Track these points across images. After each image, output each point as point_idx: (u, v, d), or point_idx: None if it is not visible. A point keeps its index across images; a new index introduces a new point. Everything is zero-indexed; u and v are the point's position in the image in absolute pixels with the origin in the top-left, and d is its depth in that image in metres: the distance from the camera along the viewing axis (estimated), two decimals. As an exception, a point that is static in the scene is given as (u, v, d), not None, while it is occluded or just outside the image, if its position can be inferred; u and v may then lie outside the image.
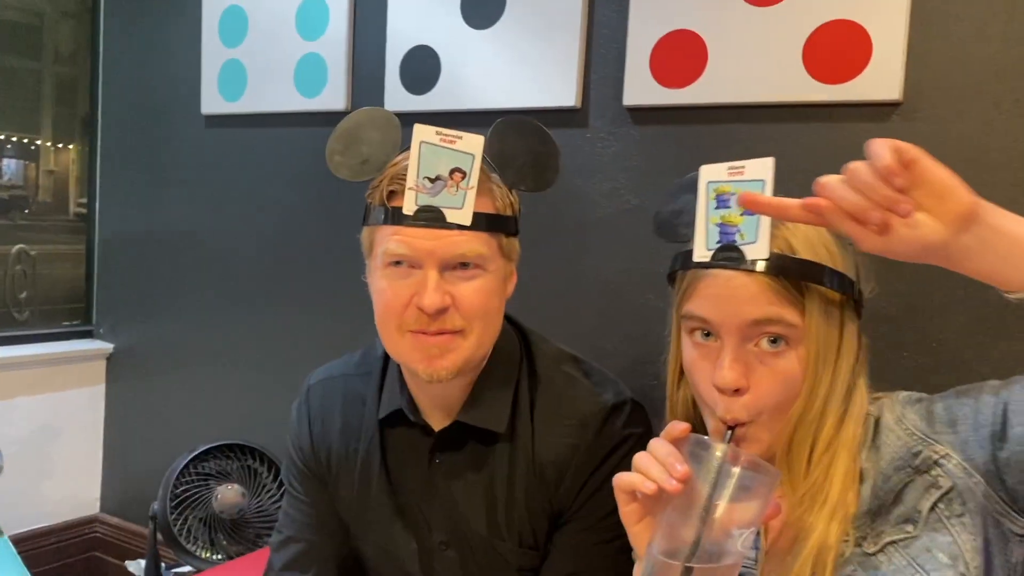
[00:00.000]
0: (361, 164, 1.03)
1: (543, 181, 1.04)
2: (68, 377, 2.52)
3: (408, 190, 0.96)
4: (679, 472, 0.73)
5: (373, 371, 1.15)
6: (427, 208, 0.96)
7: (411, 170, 0.96)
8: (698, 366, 0.87)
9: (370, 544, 1.15)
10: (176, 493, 1.73)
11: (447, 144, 0.96)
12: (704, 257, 0.86)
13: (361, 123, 1.04)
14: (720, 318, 0.83)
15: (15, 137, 2.60)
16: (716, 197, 0.86)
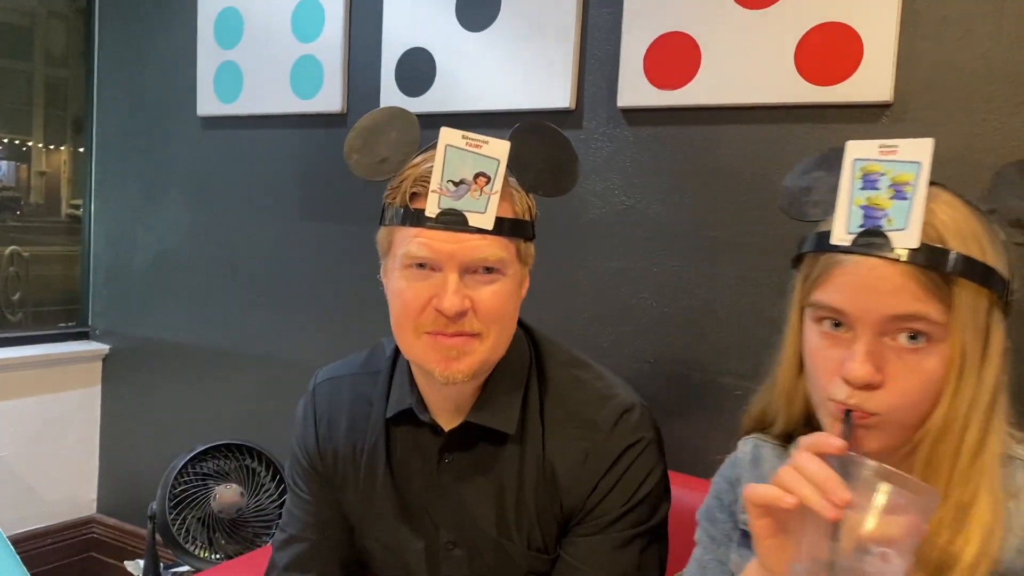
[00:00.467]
0: (379, 163, 1.03)
1: (561, 186, 1.04)
2: (64, 378, 2.53)
3: (431, 192, 0.96)
4: (841, 499, 0.66)
5: (381, 371, 1.15)
6: (450, 211, 0.96)
7: (435, 173, 0.96)
8: (823, 355, 0.79)
9: (375, 543, 1.16)
10: (175, 493, 1.74)
11: (473, 148, 0.96)
12: (844, 241, 0.77)
13: (379, 122, 1.04)
14: (857, 311, 0.75)
15: (6, 138, 2.60)
16: (863, 176, 0.77)
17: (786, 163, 1.53)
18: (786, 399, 0.89)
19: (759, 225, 1.57)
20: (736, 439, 1.45)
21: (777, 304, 1.53)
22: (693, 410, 1.63)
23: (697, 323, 1.64)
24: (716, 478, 0.99)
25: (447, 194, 0.96)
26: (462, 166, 0.96)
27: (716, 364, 1.61)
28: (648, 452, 1.05)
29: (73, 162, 2.72)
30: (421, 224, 0.97)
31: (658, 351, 1.68)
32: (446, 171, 0.96)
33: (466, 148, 0.96)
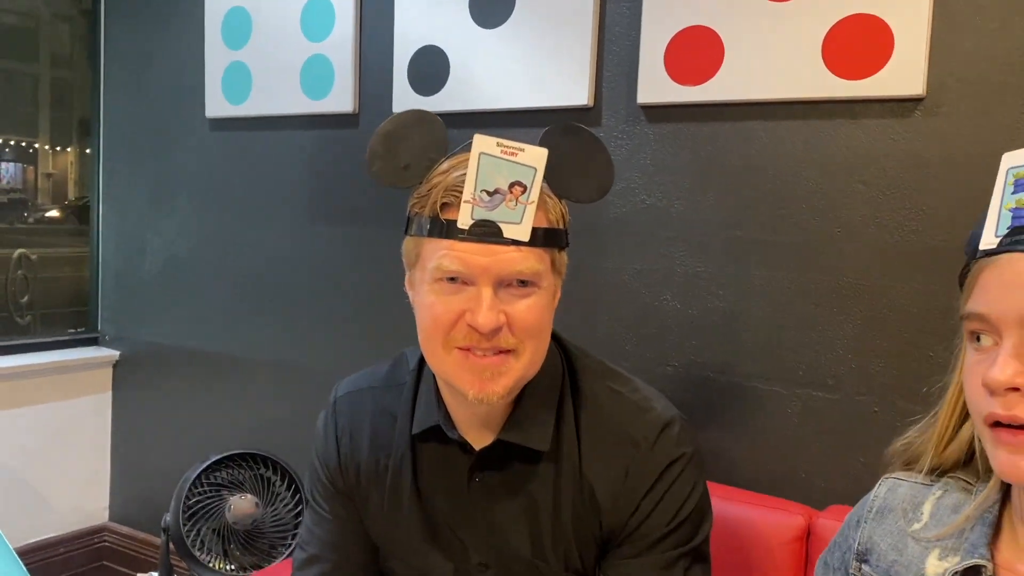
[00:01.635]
0: (402, 170, 0.97)
1: (596, 191, 0.98)
2: (74, 385, 2.50)
3: (464, 203, 0.91)
4: None
5: (405, 384, 1.11)
6: (483, 222, 0.91)
7: (468, 182, 0.91)
8: (972, 372, 0.75)
9: (401, 564, 1.11)
10: (188, 504, 1.71)
11: (508, 156, 0.91)
12: (991, 244, 0.74)
13: (402, 126, 0.98)
14: (998, 310, 0.72)
15: (13, 140, 2.57)
16: (1015, 182, 0.76)
17: (814, 160, 1.49)
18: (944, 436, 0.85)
19: (785, 224, 1.52)
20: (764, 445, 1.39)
21: (804, 307, 1.49)
22: (718, 415, 1.59)
23: (722, 325, 1.59)
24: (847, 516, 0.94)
25: (480, 204, 0.91)
26: (496, 175, 0.91)
27: (742, 367, 1.57)
28: (690, 468, 1.01)
29: (79, 163, 2.69)
30: (453, 236, 0.91)
31: (681, 354, 1.64)
32: (480, 180, 0.90)
33: (501, 156, 0.91)
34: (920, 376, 1.41)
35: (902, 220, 1.42)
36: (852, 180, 1.46)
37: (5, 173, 2.59)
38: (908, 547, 0.84)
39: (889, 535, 0.86)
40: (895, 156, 1.42)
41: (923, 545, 0.83)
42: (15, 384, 2.37)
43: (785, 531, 1.33)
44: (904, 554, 0.84)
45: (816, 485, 1.49)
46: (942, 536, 0.82)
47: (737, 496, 1.43)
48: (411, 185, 0.98)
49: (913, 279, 1.41)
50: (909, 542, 0.84)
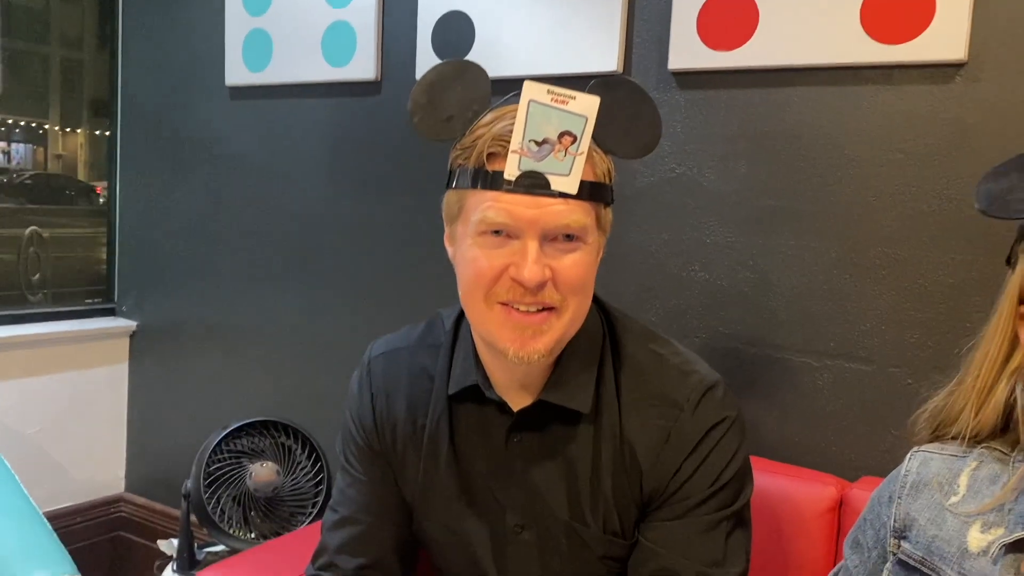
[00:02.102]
0: (445, 122, 0.95)
1: (643, 147, 0.95)
2: (91, 355, 2.49)
3: (511, 153, 0.88)
4: None
5: (441, 344, 1.09)
6: (531, 173, 0.88)
7: (516, 132, 0.88)
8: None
9: (436, 526, 1.10)
10: (209, 471, 1.69)
11: (558, 104, 0.88)
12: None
13: (446, 76, 0.95)
14: None
15: (23, 121, 2.56)
16: None
17: (851, 127, 1.46)
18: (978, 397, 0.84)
19: (819, 193, 1.49)
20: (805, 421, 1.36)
21: (836, 278, 1.47)
22: (747, 387, 1.57)
23: (752, 296, 1.57)
24: (878, 489, 0.93)
25: (528, 155, 0.88)
26: (546, 124, 0.88)
27: (772, 339, 1.55)
28: (733, 432, 0.99)
29: (89, 145, 2.68)
30: (499, 187, 0.89)
31: (710, 325, 1.62)
32: (528, 130, 0.87)
33: (551, 104, 0.88)
34: (956, 347, 1.38)
35: (940, 188, 1.39)
36: (889, 148, 1.43)
37: (16, 154, 2.58)
38: (947, 521, 0.82)
39: (927, 509, 0.84)
40: (934, 123, 1.39)
41: (962, 519, 0.81)
42: (33, 353, 2.37)
43: (818, 502, 1.32)
44: (943, 528, 0.82)
45: (847, 457, 1.47)
46: (984, 509, 0.80)
47: (769, 467, 1.41)
48: (453, 137, 0.96)
49: (951, 248, 1.39)
50: (947, 516, 0.82)
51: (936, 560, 0.81)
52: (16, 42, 2.49)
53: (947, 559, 0.80)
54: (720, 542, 0.97)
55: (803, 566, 1.31)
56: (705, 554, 0.96)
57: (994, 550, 0.77)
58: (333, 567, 1.11)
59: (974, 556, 0.78)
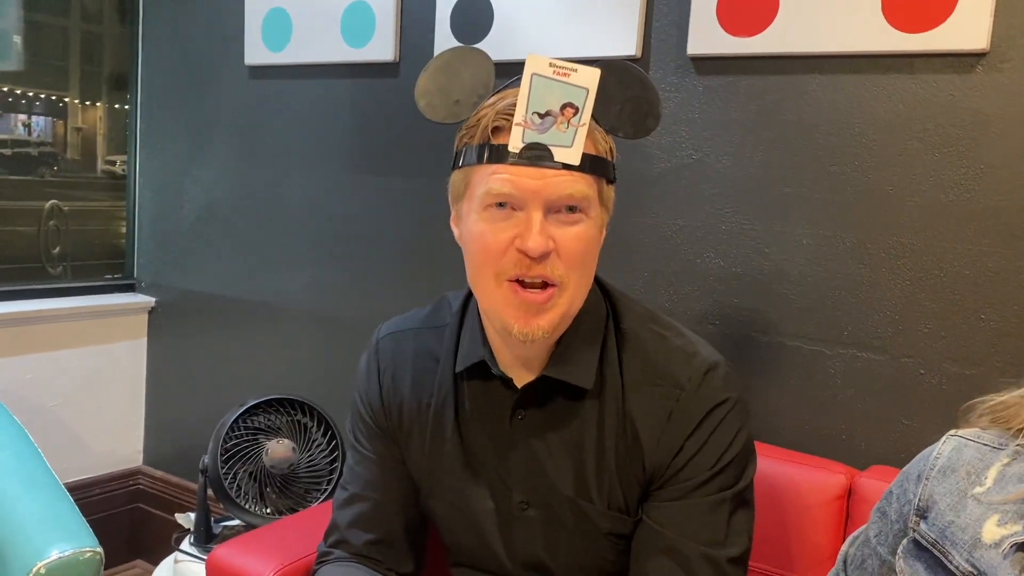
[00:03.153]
0: (452, 105, 0.97)
1: (643, 128, 0.98)
2: (111, 330, 2.52)
3: (515, 126, 0.90)
4: None
5: (447, 325, 1.11)
6: (534, 145, 0.90)
7: (520, 104, 0.90)
8: None
9: (442, 503, 1.12)
10: (226, 447, 1.72)
11: (561, 77, 0.90)
12: None
13: (452, 62, 0.98)
14: None
15: (43, 94, 2.57)
16: None
17: (869, 116, 1.45)
18: None
19: (836, 181, 1.49)
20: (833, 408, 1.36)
21: (851, 267, 1.47)
22: (760, 374, 1.58)
23: (766, 284, 1.57)
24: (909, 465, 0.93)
25: (531, 127, 0.90)
26: (549, 96, 0.90)
27: (786, 327, 1.55)
28: (735, 412, 1.00)
29: (109, 118, 2.70)
30: (503, 160, 0.91)
31: (724, 312, 1.62)
32: (531, 102, 0.89)
33: (553, 77, 0.90)
34: (970, 339, 1.38)
35: (959, 179, 1.38)
36: (908, 137, 1.42)
37: (36, 127, 2.60)
38: (967, 509, 0.82)
39: (949, 495, 0.85)
40: (954, 112, 1.39)
41: (983, 508, 0.81)
42: (54, 327, 2.40)
43: (826, 489, 1.32)
44: (961, 516, 0.82)
45: (858, 446, 1.48)
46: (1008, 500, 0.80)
47: (778, 455, 1.42)
48: (459, 120, 0.98)
49: (968, 239, 1.38)
50: (969, 503, 0.82)
51: (947, 545, 0.82)
52: (37, 15, 2.50)
53: (958, 545, 0.81)
54: (722, 522, 0.98)
55: (811, 553, 1.32)
56: (707, 534, 0.98)
57: (1006, 545, 0.78)
58: (344, 543, 1.13)
59: (986, 547, 0.79)
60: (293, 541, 1.27)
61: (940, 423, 1.26)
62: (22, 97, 2.54)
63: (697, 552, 0.97)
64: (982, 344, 1.38)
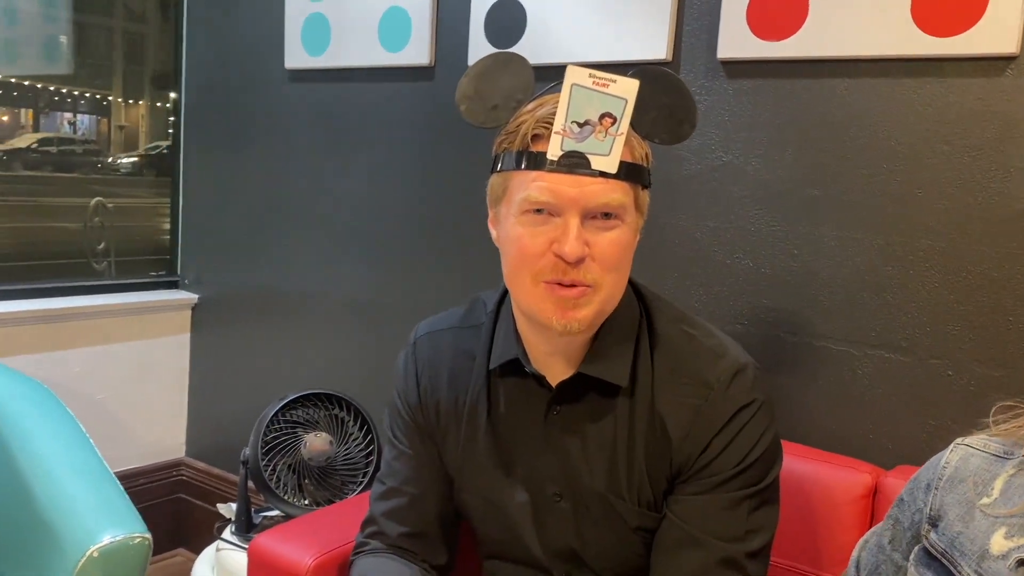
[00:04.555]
0: (491, 110, 1.01)
1: (678, 134, 1.00)
2: (155, 326, 2.61)
3: (555, 134, 0.93)
4: None
5: (482, 324, 1.15)
6: (573, 153, 0.93)
7: (559, 113, 0.93)
8: None
9: (476, 497, 1.16)
10: (266, 440, 1.78)
11: (600, 88, 0.93)
12: None
13: (491, 68, 1.01)
14: None
15: (88, 93, 2.65)
16: None
17: (898, 119, 1.47)
18: None
19: (865, 184, 1.50)
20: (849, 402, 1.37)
21: (879, 268, 1.48)
22: (788, 374, 1.59)
23: (795, 285, 1.59)
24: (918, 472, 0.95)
25: (570, 135, 0.93)
26: (587, 106, 0.93)
27: (814, 327, 1.57)
28: (761, 414, 1.03)
29: (151, 116, 2.77)
30: (542, 167, 0.94)
31: (753, 312, 1.64)
32: (571, 112, 0.93)
33: (593, 87, 0.93)
34: (998, 341, 1.39)
35: (987, 182, 1.39)
36: (936, 140, 1.43)
37: (80, 124, 2.69)
38: (975, 520, 0.83)
39: (958, 505, 0.86)
40: (983, 116, 1.39)
41: (990, 520, 0.82)
42: (100, 322, 2.49)
43: (852, 488, 1.34)
44: (970, 527, 0.83)
45: (885, 446, 1.49)
46: (1013, 513, 0.81)
47: (805, 453, 1.44)
48: (498, 125, 1.01)
49: (996, 243, 1.39)
50: (976, 515, 0.84)
51: (956, 555, 0.83)
52: (82, 15, 2.58)
53: (967, 556, 0.82)
54: (742, 519, 1.01)
55: (836, 551, 1.34)
56: (727, 530, 1.01)
57: (1012, 559, 0.79)
58: (380, 535, 1.18)
59: (993, 558, 0.80)
60: (331, 531, 1.32)
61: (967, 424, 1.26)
62: (67, 96, 2.62)
63: (716, 546, 1.00)
64: (1010, 346, 1.38)
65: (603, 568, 1.11)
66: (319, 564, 1.24)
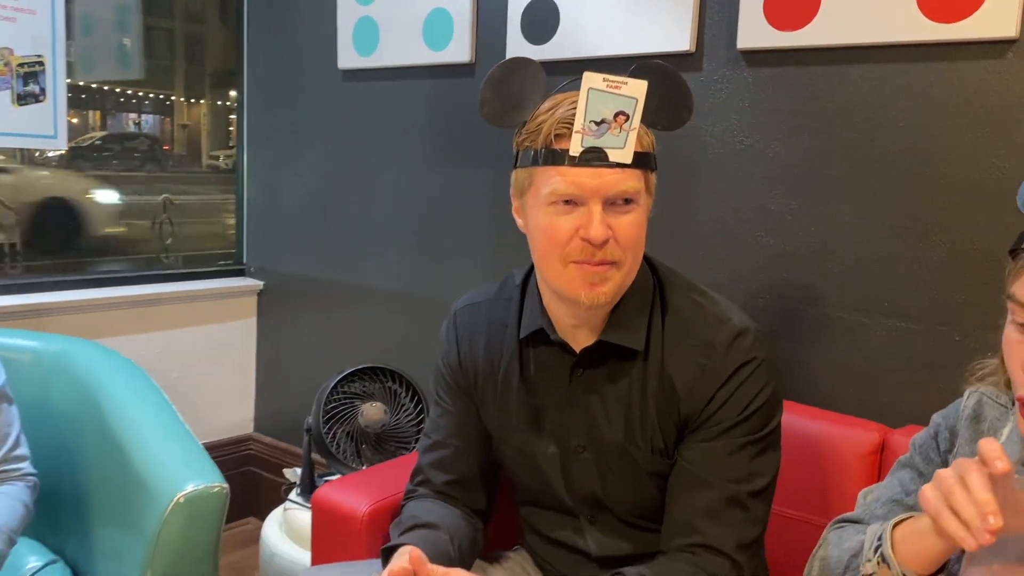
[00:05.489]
0: (510, 110, 1.14)
1: (678, 120, 1.12)
2: (224, 311, 2.81)
3: (575, 133, 1.05)
4: (992, 526, 0.74)
5: (513, 298, 1.29)
6: (592, 149, 1.05)
7: (579, 114, 1.05)
8: (1015, 349, 0.86)
9: (511, 449, 1.30)
10: (327, 409, 1.96)
11: (613, 90, 1.05)
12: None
13: (507, 72, 1.14)
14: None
15: (152, 94, 2.82)
16: None
17: (907, 102, 1.56)
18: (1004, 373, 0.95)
19: (877, 165, 1.60)
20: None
21: (890, 243, 1.58)
22: (807, 343, 1.70)
23: (813, 260, 1.69)
24: (937, 417, 1.05)
25: (589, 133, 1.05)
26: (603, 107, 1.05)
27: (830, 299, 1.67)
28: (760, 370, 1.14)
29: (212, 115, 2.94)
30: (565, 163, 1.07)
31: (774, 287, 1.75)
32: (588, 112, 1.05)
33: (607, 90, 1.05)
34: (1002, 308, 1.48)
35: (990, 159, 1.48)
36: (943, 121, 1.52)
37: (145, 125, 2.85)
38: None
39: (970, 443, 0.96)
40: (987, 96, 1.48)
41: None
42: (175, 308, 2.69)
43: (861, 445, 1.45)
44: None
45: (897, 409, 1.59)
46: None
47: (819, 415, 1.55)
48: (517, 124, 1.14)
49: (999, 216, 1.48)
50: None
51: None
52: (144, 17, 2.72)
53: None
54: (745, 463, 1.13)
55: (847, 503, 1.44)
56: (731, 471, 1.13)
57: None
58: (427, 483, 1.33)
59: None
60: (383, 483, 1.48)
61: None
62: (132, 97, 2.78)
63: (722, 486, 1.13)
64: (1014, 313, 1.47)
65: (622, 511, 1.24)
66: (373, 510, 1.40)
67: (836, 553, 1.03)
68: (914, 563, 0.90)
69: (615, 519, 1.25)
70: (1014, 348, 0.85)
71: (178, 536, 1.36)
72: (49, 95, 2.29)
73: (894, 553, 0.91)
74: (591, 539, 1.28)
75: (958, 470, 0.79)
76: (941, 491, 0.80)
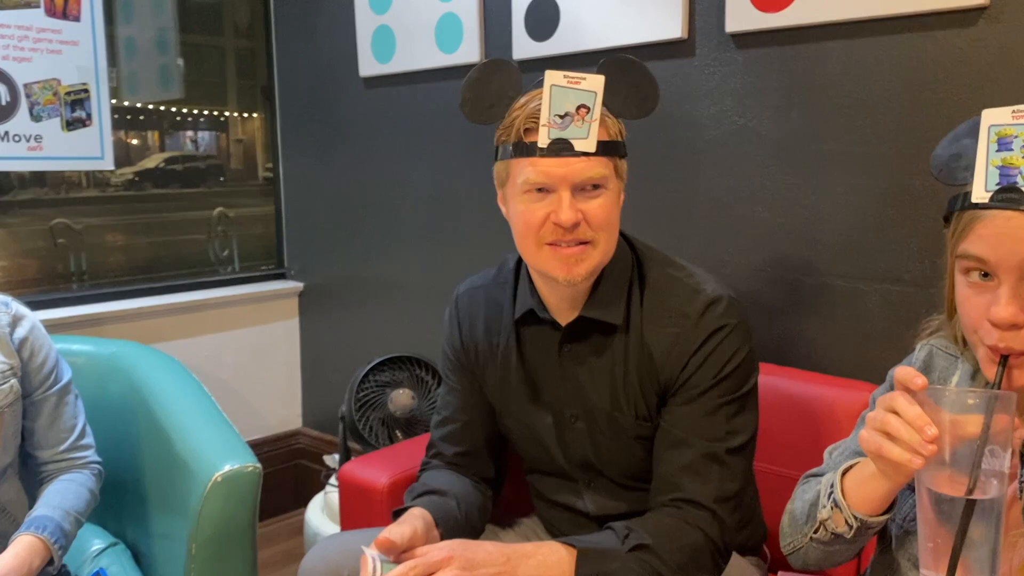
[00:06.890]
0: (488, 108, 1.24)
1: (644, 109, 1.21)
2: (268, 312, 2.97)
3: (542, 127, 1.15)
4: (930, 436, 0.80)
5: (507, 281, 1.39)
6: (558, 140, 1.15)
7: (543, 110, 1.14)
8: (971, 303, 0.88)
9: (512, 421, 1.40)
10: (359, 397, 2.08)
11: (573, 85, 1.14)
12: (983, 198, 0.85)
13: (485, 74, 1.24)
14: (998, 257, 0.84)
15: (206, 111, 2.96)
16: (998, 140, 0.84)
17: (887, 73, 1.61)
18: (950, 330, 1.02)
19: (864, 136, 1.65)
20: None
21: (881, 210, 1.63)
22: (807, 310, 1.76)
23: (808, 231, 1.75)
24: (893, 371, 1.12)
25: (555, 126, 1.15)
26: (565, 101, 1.15)
27: (827, 268, 1.73)
28: (733, 335, 1.22)
29: (264, 128, 3.06)
30: (535, 154, 1.16)
31: (774, 259, 1.81)
32: (552, 107, 1.14)
33: (568, 86, 1.14)
34: (940, 270, 1.52)
35: (969, 123, 1.52)
36: (922, 89, 1.57)
37: (201, 141, 3.01)
38: None
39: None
40: (962, 63, 1.52)
41: None
42: (223, 312, 2.85)
43: (852, 404, 1.51)
44: None
45: (890, 369, 1.64)
46: None
47: (814, 378, 1.62)
48: (495, 121, 1.24)
49: (981, 177, 1.52)
50: None
51: None
52: (195, 36, 2.85)
53: None
54: (722, 422, 1.21)
55: (843, 461, 1.52)
56: (709, 431, 1.21)
57: None
58: (439, 455, 1.44)
59: None
60: (402, 459, 1.59)
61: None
62: (188, 115, 2.94)
63: (701, 445, 1.21)
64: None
65: (615, 474, 1.34)
66: (393, 482, 1.52)
67: (799, 505, 1.10)
68: (864, 506, 0.97)
69: (609, 481, 1.35)
70: (971, 302, 0.89)
71: (217, 512, 1.50)
72: (95, 119, 2.47)
73: (845, 498, 0.98)
74: (589, 501, 1.37)
75: (883, 404, 0.86)
76: (875, 427, 0.87)
